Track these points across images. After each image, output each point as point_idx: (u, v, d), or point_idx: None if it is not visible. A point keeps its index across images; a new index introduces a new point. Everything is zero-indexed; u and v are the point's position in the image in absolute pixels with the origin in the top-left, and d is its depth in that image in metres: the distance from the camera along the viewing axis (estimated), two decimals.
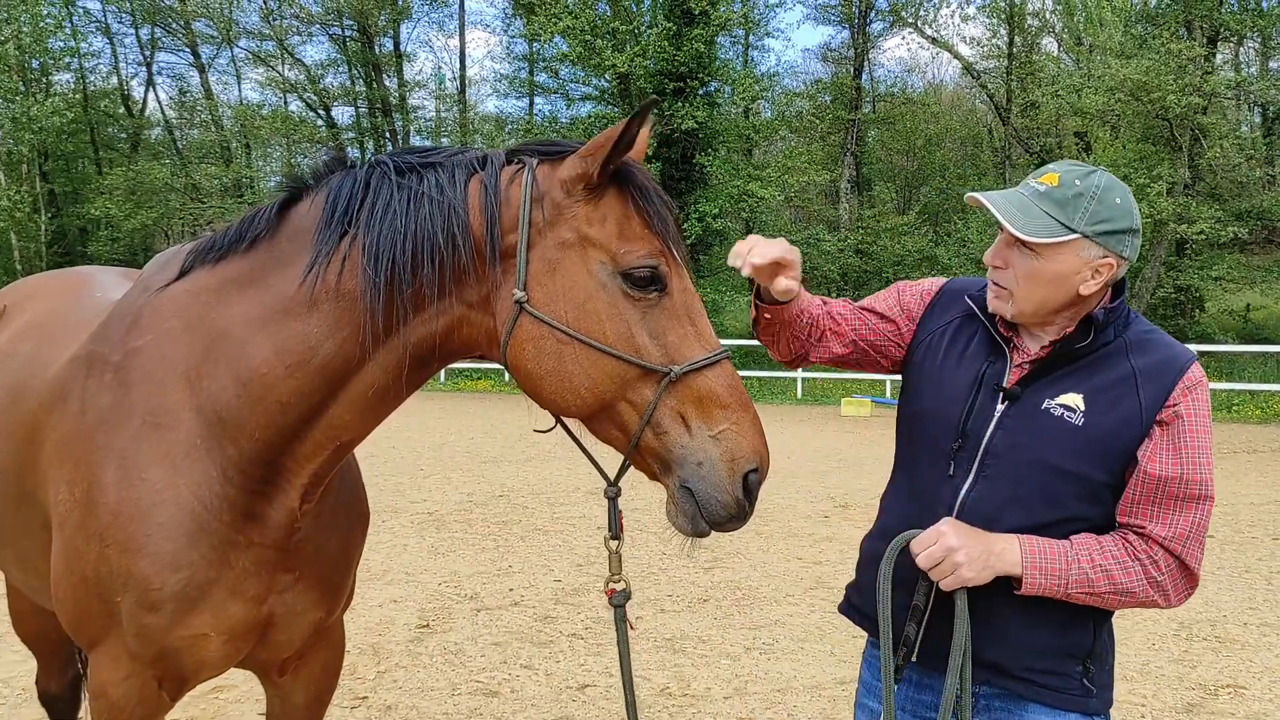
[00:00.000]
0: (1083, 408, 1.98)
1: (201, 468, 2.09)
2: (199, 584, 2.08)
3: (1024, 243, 1.95)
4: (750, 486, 1.94)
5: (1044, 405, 2.01)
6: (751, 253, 2.04)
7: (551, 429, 2.18)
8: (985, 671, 2.05)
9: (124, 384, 2.15)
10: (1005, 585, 1.98)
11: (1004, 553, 1.94)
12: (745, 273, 2.05)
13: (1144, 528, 1.94)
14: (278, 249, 2.13)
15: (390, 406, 2.17)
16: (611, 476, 2.17)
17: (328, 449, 2.15)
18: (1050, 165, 2.01)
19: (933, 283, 2.33)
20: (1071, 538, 1.97)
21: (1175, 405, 1.95)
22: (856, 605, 2.30)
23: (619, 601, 2.20)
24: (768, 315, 2.24)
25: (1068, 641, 2.04)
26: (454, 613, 6.41)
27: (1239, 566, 7.65)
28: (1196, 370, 1.99)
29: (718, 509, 1.93)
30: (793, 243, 2.09)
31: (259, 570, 2.15)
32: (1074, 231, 1.91)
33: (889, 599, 2.04)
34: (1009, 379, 2.06)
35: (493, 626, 6.10)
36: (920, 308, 2.29)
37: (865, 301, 2.38)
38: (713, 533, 1.98)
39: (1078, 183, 1.94)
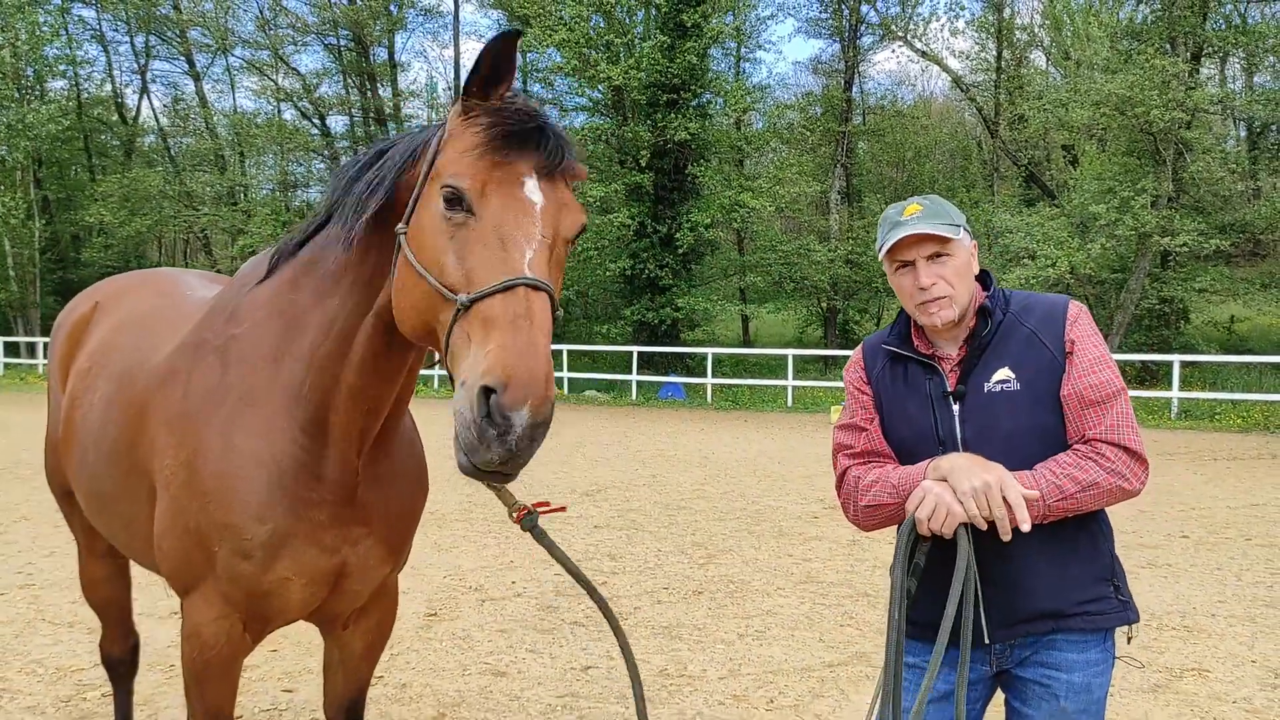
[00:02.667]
0: (1013, 375, 2.36)
1: (279, 435, 2.42)
2: (281, 535, 2.40)
3: (945, 240, 2.35)
4: (494, 412, 1.76)
5: (986, 389, 2.38)
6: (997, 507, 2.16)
7: (437, 362, 2.11)
8: (1048, 621, 2.33)
9: (224, 365, 2.50)
10: (1026, 547, 2.26)
11: (985, 470, 2.19)
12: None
13: (1084, 434, 2.29)
14: (330, 232, 2.41)
15: (385, 372, 2.37)
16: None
17: (357, 410, 2.40)
18: (899, 205, 2.44)
19: (855, 353, 2.67)
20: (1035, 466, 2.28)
21: (1070, 337, 2.35)
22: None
23: (530, 525, 2.51)
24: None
25: (1093, 568, 2.36)
26: (460, 603, 6.69)
27: (1211, 564, 7.97)
28: (1073, 306, 2.41)
29: (463, 433, 1.81)
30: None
31: (332, 524, 2.46)
32: (959, 227, 2.38)
33: (905, 567, 2.28)
34: (950, 384, 2.43)
35: (498, 615, 6.39)
36: (865, 378, 2.58)
37: (861, 421, 2.57)
38: (482, 473, 1.84)
39: (929, 203, 2.41)
